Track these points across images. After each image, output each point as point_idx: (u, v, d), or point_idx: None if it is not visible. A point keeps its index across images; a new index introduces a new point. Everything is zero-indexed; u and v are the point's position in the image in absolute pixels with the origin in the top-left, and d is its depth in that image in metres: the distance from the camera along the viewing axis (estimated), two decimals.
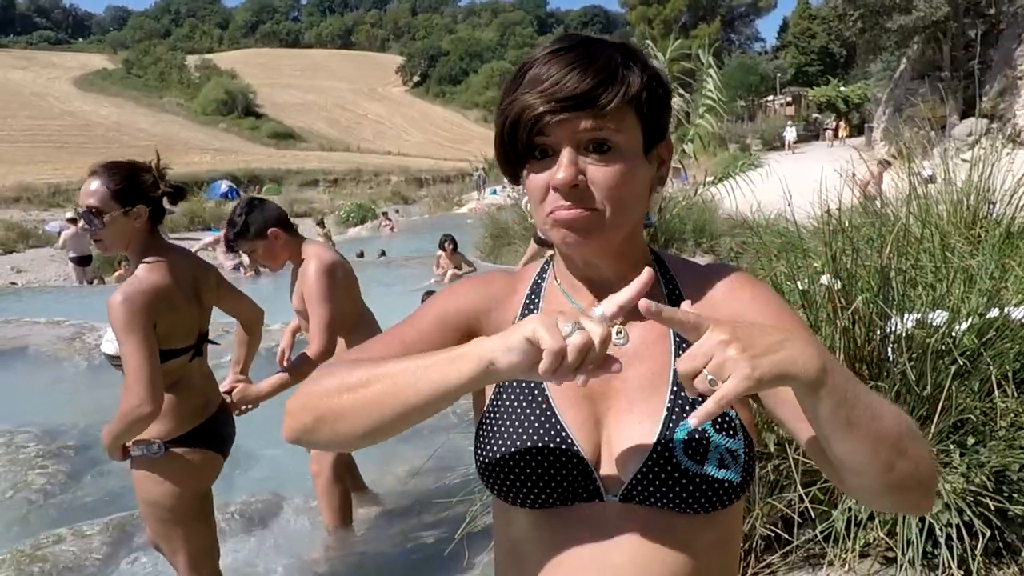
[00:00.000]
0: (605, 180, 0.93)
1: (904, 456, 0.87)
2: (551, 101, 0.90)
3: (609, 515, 0.96)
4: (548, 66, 0.92)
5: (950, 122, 20.66)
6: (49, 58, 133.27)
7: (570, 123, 0.91)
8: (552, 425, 0.97)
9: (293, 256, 3.21)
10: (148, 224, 2.37)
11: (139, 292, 2.27)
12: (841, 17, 27.32)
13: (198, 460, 2.47)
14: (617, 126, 0.92)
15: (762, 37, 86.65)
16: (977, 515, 2.18)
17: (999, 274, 2.79)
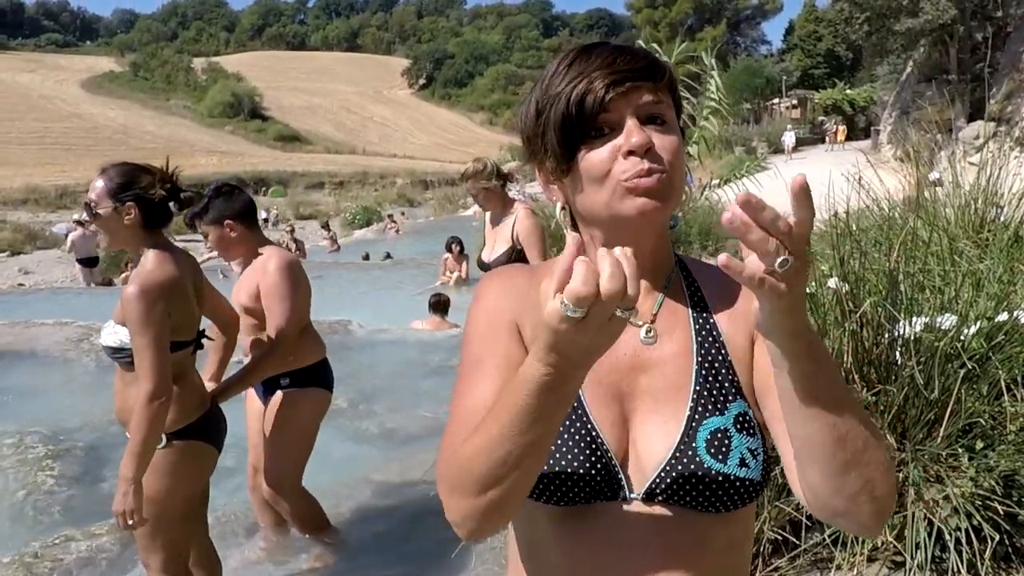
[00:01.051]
0: (669, 147, 0.96)
1: (862, 464, 0.85)
2: (615, 73, 0.94)
3: (631, 514, 0.96)
4: (591, 54, 0.97)
5: (957, 125, 20.60)
6: (57, 61, 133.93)
7: (633, 95, 0.95)
8: (584, 423, 0.98)
9: (247, 252, 3.11)
10: (141, 222, 2.39)
11: (155, 283, 2.30)
12: (847, 20, 27.26)
13: (198, 453, 2.50)
14: (669, 105, 0.99)
15: (768, 40, 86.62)
16: (986, 519, 2.18)
17: (1007, 278, 2.79)
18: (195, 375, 2.58)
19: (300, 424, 3.16)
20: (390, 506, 3.94)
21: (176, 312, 2.36)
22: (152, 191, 2.39)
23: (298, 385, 3.13)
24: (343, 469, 4.34)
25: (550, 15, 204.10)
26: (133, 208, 2.36)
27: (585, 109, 0.94)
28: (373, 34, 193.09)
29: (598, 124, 0.95)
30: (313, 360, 3.20)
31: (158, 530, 2.45)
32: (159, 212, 2.43)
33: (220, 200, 3.05)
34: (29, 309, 10.31)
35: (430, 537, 3.51)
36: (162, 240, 2.47)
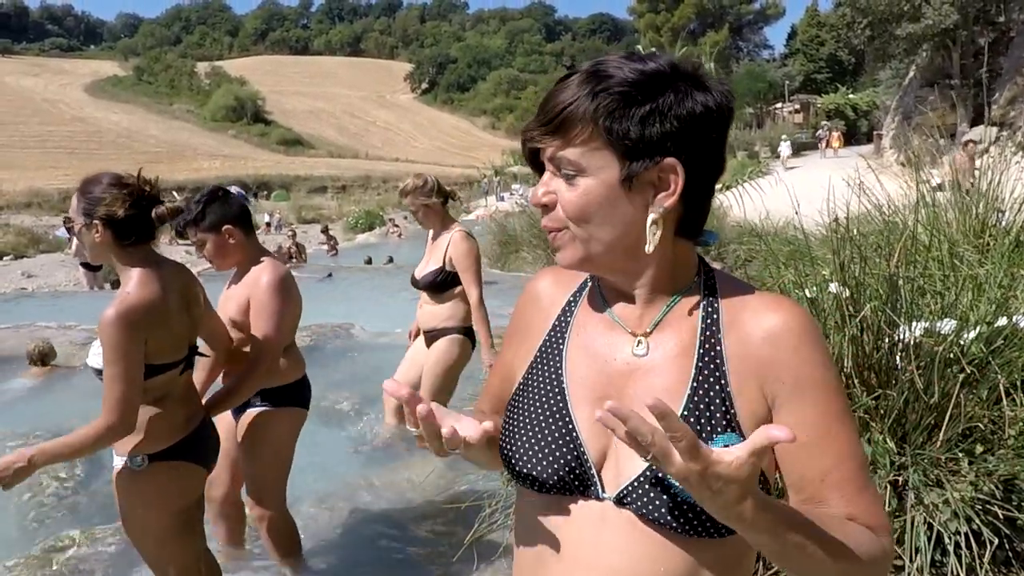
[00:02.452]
0: (568, 199, 0.99)
1: None
2: (532, 125, 1.01)
3: (607, 516, 0.99)
4: (553, 90, 1.01)
5: (960, 130, 20.62)
6: (61, 65, 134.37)
7: (545, 148, 1.00)
8: (562, 417, 1.04)
9: (243, 261, 2.93)
10: (114, 240, 2.29)
11: (133, 309, 2.21)
12: (850, 25, 27.26)
13: (181, 473, 2.43)
14: (577, 155, 0.96)
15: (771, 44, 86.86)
16: (986, 523, 2.18)
17: (1008, 282, 2.79)
18: (184, 393, 2.48)
19: (275, 444, 3.00)
20: (391, 508, 3.95)
21: (154, 337, 2.26)
22: (115, 208, 2.26)
23: (273, 404, 2.97)
24: (346, 473, 4.35)
25: (553, 20, 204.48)
26: (101, 227, 2.27)
27: (525, 154, 1.05)
28: (376, 39, 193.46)
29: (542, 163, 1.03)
30: (292, 379, 3.05)
31: (159, 547, 2.45)
32: (133, 228, 2.31)
33: (216, 205, 2.87)
34: (32, 312, 10.33)
35: (432, 541, 3.53)
36: (149, 256, 2.37)
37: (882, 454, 2.35)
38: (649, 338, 1.04)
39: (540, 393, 1.07)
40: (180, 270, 2.49)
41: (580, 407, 1.03)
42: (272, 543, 3.17)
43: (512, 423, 1.08)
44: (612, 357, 1.05)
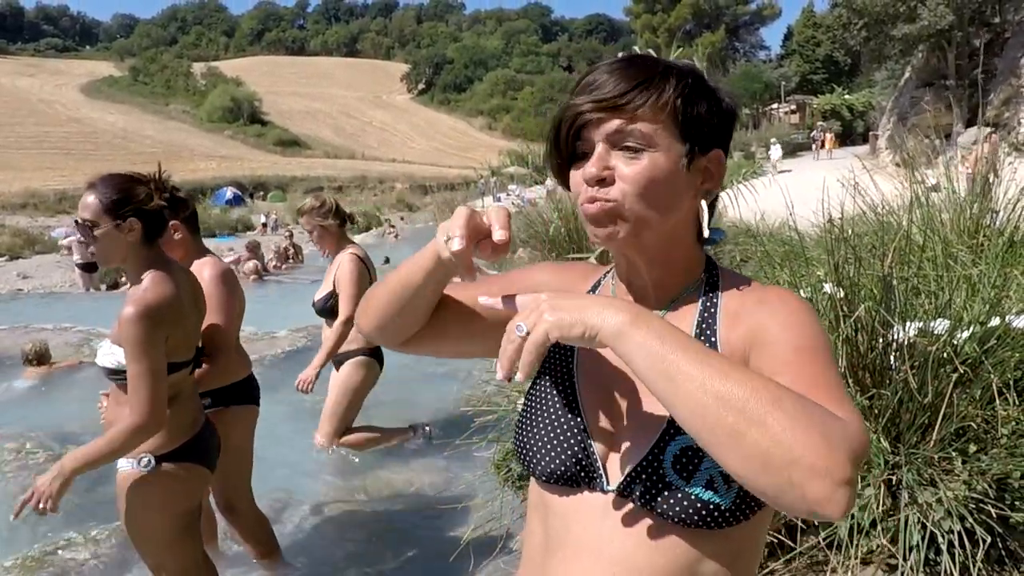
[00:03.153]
0: (631, 174, 0.99)
1: (756, 423, 0.78)
2: (587, 102, 0.99)
3: (611, 508, 1.02)
4: (596, 74, 1.02)
5: (955, 131, 20.66)
6: (56, 65, 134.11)
7: (603, 124, 0.99)
8: (572, 410, 1.08)
9: (185, 257, 2.92)
10: (143, 237, 2.29)
11: (154, 306, 2.21)
12: (846, 26, 27.32)
13: (187, 475, 2.43)
14: (645, 131, 0.98)
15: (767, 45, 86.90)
16: (979, 522, 2.20)
17: (1001, 282, 2.81)
18: (191, 393, 2.51)
19: (232, 444, 2.96)
20: (388, 510, 3.95)
21: (173, 335, 2.28)
22: (151, 202, 2.28)
23: (222, 404, 2.97)
24: (340, 473, 4.35)
25: (549, 20, 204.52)
26: (136, 223, 2.26)
27: (561, 136, 1.03)
28: (372, 39, 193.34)
29: (579, 150, 1.02)
30: (240, 376, 3.07)
31: (161, 550, 2.44)
32: (157, 224, 2.34)
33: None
34: (28, 314, 10.32)
35: (427, 542, 3.53)
36: (161, 255, 2.39)
37: (876, 453, 2.37)
38: None
39: (551, 389, 1.11)
40: (184, 270, 2.51)
41: (588, 400, 1.08)
42: (248, 542, 3.19)
43: (527, 416, 1.12)
44: None
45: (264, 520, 3.25)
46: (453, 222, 0.99)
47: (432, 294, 1.12)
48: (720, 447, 0.81)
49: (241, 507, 3.13)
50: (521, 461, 1.11)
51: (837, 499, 0.77)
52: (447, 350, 1.23)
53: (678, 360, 0.83)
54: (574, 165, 1.04)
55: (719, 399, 0.80)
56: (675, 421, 0.96)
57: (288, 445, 4.51)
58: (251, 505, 3.19)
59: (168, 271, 2.34)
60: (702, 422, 0.81)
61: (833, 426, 0.80)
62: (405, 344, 1.19)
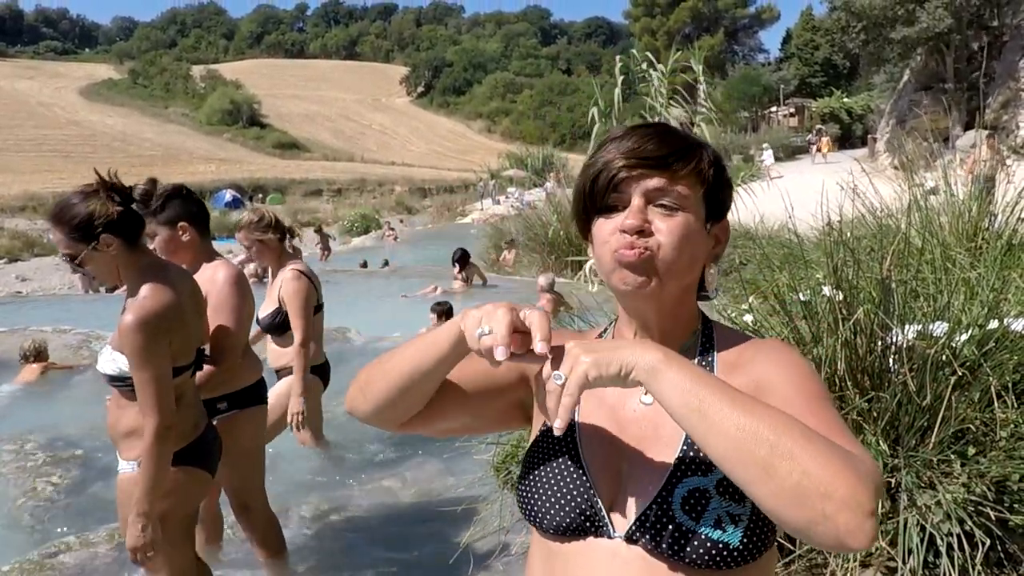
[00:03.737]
0: (668, 228, 1.05)
1: (787, 456, 0.82)
2: (630, 159, 1.05)
3: (618, 553, 1.03)
4: (630, 134, 1.08)
5: (953, 134, 20.68)
6: (56, 68, 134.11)
7: (643, 180, 1.05)
8: (576, 464, 1.10)
9: (193, 260, 2.93)
10: (124, 245, 2.27)
11: (154, 313, 2.21)
12: (844, 29, 27.37)
13: (188, 479, 2.43)
14: (683, 192, 1.06)
15: (766, 48, 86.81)
16: (978, 525, 2.20)
17: (999, 285, 2.81)
18: (192, 396, 2.51)
19: (246, 446, 3.03)
20: (388, 512, 3.95)
21: (176, 339, 2.29)
22: (109, 211, 2.23)
23: (237, 407, 2.99)
24: (341, 476, 4.35)
25: (548, 23, 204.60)
26: (111, 238, 2.23)
27: (598, 185, 1.07)
28: (372, 42, 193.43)
29: (610, 200, 1.07)
30: (250, 380, 3.07)
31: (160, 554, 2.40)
32: (131, 225, 2.30)
33: (177, 201, 2.90)
34: (27, 316, 10.31)
35: (427, 545, 3.53)
36: (155, 260, 2.39)
37: (875, 456, 2.37)
38: None
39: (553, 443, 1.13)
40: (184, 273, 2.52)
41: (591, 454, 1.10)
42: (258, 543, 3.19)
43: (529, 471, 1.13)
44: (622, 405, 1.13)
45: (275, 521, 3.26)
46: (494, 321, 0.97)
47: (441, 377, 1.12)
48: (753, 481, 0.85)
49: (255, 507, 3.14)
50: (526, 515, 1.12)
51: (866, 530, 0.81)
52: (443, 428, 1.21)
53: (710, 397, 0.88)
54: (602, 215, 1.08)
55: (751, 434, 0.85)
56: (682, 464, 1.03)
57: (288, 448, 4.51)
58: (264, 505, 3.20)
59: (165, 275, 2.33)
60: (736, 456, 0.85)
61: (857, 461, 0.85)
62: (402, 427, 1.18)
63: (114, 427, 2.43)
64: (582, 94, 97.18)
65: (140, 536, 2.23)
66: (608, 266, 1.07)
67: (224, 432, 2.92)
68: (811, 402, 0.99)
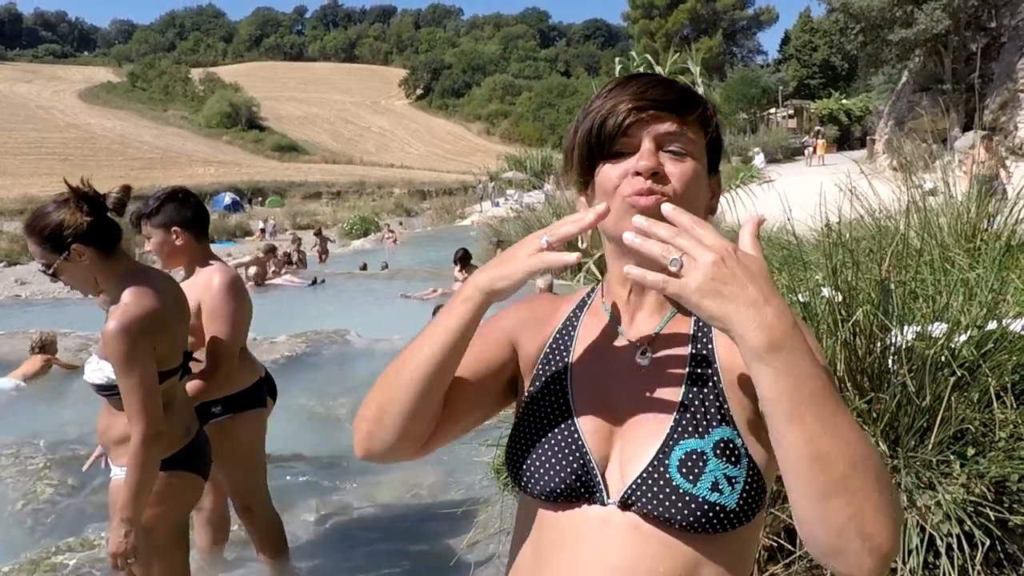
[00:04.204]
0: (680, 173, 1.02)
1: (849, 492, 0.82)
2: (640, 100, 1.01)
3: (611, 518, 1.01)
4: (633, 81, 1.05)
5: (952, 135, 20.71)
6: (55, 71, 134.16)
7: (653, 122, 1.01)
8: (568, 428, 1.06)
9: (188, 263, 2.93)
10: (98, 254, 2.26)
11: (136, 318, 2.20)
12: (843, 30, 27.44)
13: (182, 484, 2.43)
14: (692, 137, 1.04)
15: (764, 50, 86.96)
16: (978, 525, 2.20)
17: (998, 286, 2.81)
18: (182, 400, 2.51)
19: (243, 449, 3.01)
20: (388, 514, 3.95)
21: (161, 344, 2.28)
22: (78, 220, 2.22)
23: (232, 411, 2.96)
24: (341, 478, 4.35)
25: (547, 25, 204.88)
26: (81, 248, 2.22)
27: (606, 129, 1.02)
28: (370, 45, 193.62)
29: (617, 146, 1.02)
30: (247, 383, 3.04)
31: (153, 558, 2.41)
32: (105, 232, 2.29)
33: (172, 205, 2.88)
34: (26, 319, 10.30)
35: (427, 547, 3.53)
36: (135, 266, 2.37)
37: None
38: (652, 345, 1.08)
39: (545, 406, 1.09)
40: (167, 277, 2.49)
41: (585, 417, 1.06)
42: (261, 544, 3.20)
43: (519, 438, 1.10)
44: (616, 367, 1.09)
45: (278, 522, 3.26)
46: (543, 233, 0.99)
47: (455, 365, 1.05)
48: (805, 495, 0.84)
49: (258, 508, 3.14)
50: (516, 479, 1.09)
51: (880, 572, 0.83)
52: (459, 430, 1.14)
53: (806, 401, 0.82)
54: (608, 160, 1.03)
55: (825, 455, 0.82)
56: (678, 426, 1.00)
57: (287, 451, 4.51)
58: (267, 506, 3.20)
59: (147, 281, 2.31)
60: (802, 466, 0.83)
61: (897, 502, 0.85)
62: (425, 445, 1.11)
63: (105, 433, 2.43)
64: (581, 96, 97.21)
65: (123, 542, 2.22)
66: (617, 213, 1.01)
67: (222, 435, 2.92)
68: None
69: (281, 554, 3.25)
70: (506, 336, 1.17)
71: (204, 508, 3.22)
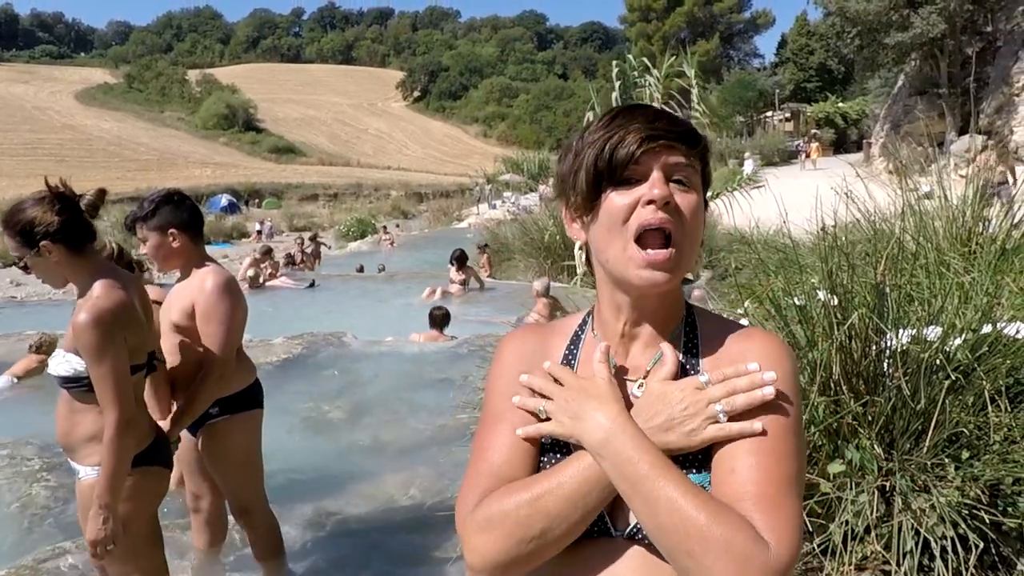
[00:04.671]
0: (688, 206, 1.04)
1: (690, 556, 0.92)
2: (652, 130, 1.03)
3: (619, 550, 1.04)
4: (639, 112, 1.06)
5: (948, 138, 20.78)
6: (51, 72, 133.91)
7: (664, 154, 1.03)
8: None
9: (185, 265, 2.94)
10: (68, 251, 2.33)
11: (107, 309, 2.26)
12: (839, 34, 27.49)
13: (153, 478, 2.48)
14: (696, 170, 1.07)
15: (761, 53, 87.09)
16: (972, 528, 2.21)
17: (993, 290, 2.82)
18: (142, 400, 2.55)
19: (240, 450, 3.01)
20: (384, 516, 3.95)
21: (131, 336, 2.34)
22: (49, 218, 2.30)
23: (229, 412, 2.96)
24: (337, 479, 4.35)
25: (544, 28, 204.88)
26: (50, 245, 2.30)
27: (617, 156, 1.03)
28: (368, 47, 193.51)
29: (627, 174, 1.04)
30: (243, 384, 3.04)
31: (131, 556, 2.44)
32: (76, 231, 2.35)
33: (168, 207, 2.88)
34: (22, 321, 10.27)
35: (423, 546, 3.53)
36: (102, 263, 2.44)
37: (870, 460, 2.38)
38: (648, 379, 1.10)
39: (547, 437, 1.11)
40: (133, 279, 2.56)
41: None
42: (258, 546, 3.19)
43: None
44: None
45: (276, 525, 3.26)
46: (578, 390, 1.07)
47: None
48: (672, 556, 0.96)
49: (255, 510, 3.14)
50: None
51: None
52: None
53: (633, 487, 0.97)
54: (615, 187, 1.05)
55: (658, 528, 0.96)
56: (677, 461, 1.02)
57: (284, 453, 4.51)
58: (264, 509, 3.19)
59: (116, 277, 2.39)
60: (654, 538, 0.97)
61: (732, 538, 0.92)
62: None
63: (68, 434, 2.44)
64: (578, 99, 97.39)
65: (101, 529, 2.25)
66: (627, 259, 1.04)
67: (218, 437, 2.96)
68: (778, 442, 1.01)
69: (278, 557, 3.25)
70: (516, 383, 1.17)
71: (201, 510, 3.22)
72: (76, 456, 2.44)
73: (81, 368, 2.29)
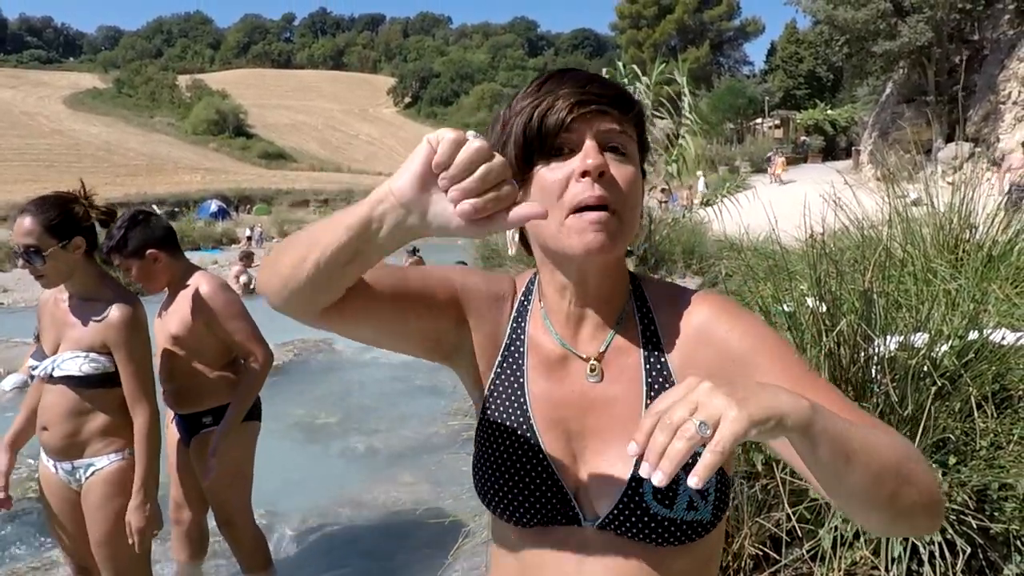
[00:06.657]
0: (624, 177, 0.95)
1: (908, 483, 0.84)
2: (582, 95, 0.94)
3: (588, 539, 1.02)
4: (568, 76, 0.98)
5: (935, 146, 20.93)
6: (40, 77, 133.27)
7: (596, 120, 0.95)
8: (536, 453, 1.03)
9: (173, 280, 2.92)
10: (86, 253, 2.42)
11: (137, 311, 2.43)
12: (827, 42, 27.70)
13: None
14: (632, 137, 0.98)
15: (751, 61, 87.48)
16: (960, 533, 2.22)
17: (980, 297, 2.85)
18: None
19: (233, 462, 2.99)
20: (375, 524, 3.95)
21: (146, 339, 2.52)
22: (88, 219, 2.41)
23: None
24: (329, 487, 4.34)
25: (535, 35, 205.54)
26: (81, 241, 2.38)
27: (546, 124, 0.94)
28: (359, 52, 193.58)
29: (558, 143, 0.95)
30: None
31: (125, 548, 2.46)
32: (94, 238, 2.48)
33: (138, 229, 2.83)
34: (9, 327, 10.21)
35: (415, 554, 3.53)
36: (102, 270, 2.52)
37: None
38: (601, 362, 1.04)
39: (507, 426, 1.06)
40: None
41: (551, 445, 1.03)
42: (244, 558, 3.17)
43: (484, 459, 1.06)
44: (568, 386, 1.05)
45: (261, 537, 3.23)
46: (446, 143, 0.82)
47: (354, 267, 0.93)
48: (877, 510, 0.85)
49: (240, 522, 3.11)
50: (490, 507, 1.06)
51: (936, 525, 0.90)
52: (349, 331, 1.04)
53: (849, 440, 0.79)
54: (547, 161, 0.96)
55: (884, 469, 0.82)
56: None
57: (275, 461, 4.49)
58: (250, 522, 3.16)
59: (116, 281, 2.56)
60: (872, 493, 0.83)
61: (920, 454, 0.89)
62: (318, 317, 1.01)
63: (74, 435, 2.47)
64: None
65: (145, 517, 2.39)
66: (563, 227, 0.94)
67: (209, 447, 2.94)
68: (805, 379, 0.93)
69: (264, 569, 3.22)
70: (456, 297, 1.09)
71: (183, 521, 3.19)
72: (87, 452, 2.48)
73: (109, 365, 2.39)
